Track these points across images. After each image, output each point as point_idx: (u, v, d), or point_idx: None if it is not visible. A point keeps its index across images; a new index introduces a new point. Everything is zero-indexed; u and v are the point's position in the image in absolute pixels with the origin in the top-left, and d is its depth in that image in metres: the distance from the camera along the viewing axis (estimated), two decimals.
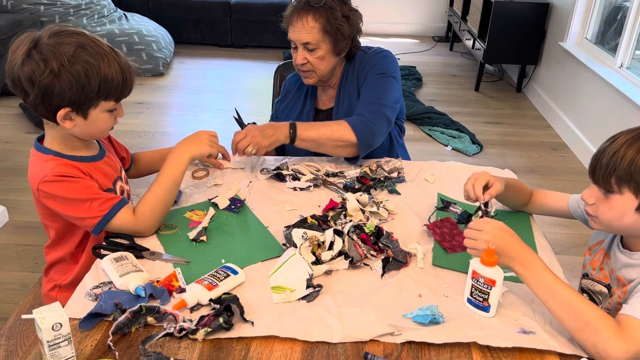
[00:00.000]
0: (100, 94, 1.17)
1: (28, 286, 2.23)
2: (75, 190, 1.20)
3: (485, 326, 1.06)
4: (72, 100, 1.14)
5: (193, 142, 1.40)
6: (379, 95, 1.66)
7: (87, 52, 1.14)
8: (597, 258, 1.26)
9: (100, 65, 1.14)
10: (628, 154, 1.05)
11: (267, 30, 5.51)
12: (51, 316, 0.89)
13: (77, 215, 1.22)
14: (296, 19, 1.63)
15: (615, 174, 1.06)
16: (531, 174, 3.31)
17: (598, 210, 1.12)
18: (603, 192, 1.10)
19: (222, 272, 1.15)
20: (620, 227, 1.13)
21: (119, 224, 1.24)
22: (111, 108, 1.22)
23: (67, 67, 1.11)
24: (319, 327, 1.05)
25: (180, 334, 1.02)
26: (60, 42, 1.12)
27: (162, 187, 1.31)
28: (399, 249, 1.25)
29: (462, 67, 5.35)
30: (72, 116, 1.18)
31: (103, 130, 1.27)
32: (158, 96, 4.40)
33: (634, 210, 1.07)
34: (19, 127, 3.73)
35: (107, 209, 1.22)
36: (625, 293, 1.12)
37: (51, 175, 1.19)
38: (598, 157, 1.10)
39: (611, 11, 3.66)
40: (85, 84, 1.14)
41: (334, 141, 1.59)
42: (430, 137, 3.78)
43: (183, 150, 1.37)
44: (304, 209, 1.44)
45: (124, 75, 1.19)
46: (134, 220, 1.25)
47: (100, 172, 1.30)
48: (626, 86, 3.09)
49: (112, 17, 5.13)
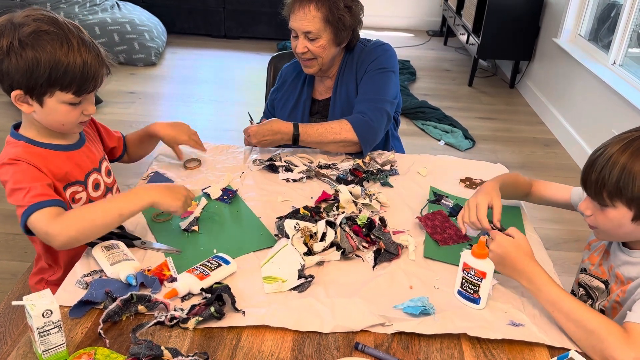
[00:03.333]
0: (52, 83, 1.11)
1: (17, 275, 2.21)
2: (22, 176, 1.14)
3: (475, 318, 1.07)
4: (22, 83, 1.11)
5: (167, 194, 1.20)
6: (380, 91, 1.68)
7: (46, 38, 1.09)
8: (597, 254, 1.27)
9: (56, 54, 1.09)
10: (615, 169, 1.05)
11: (261, 21, 5.48)
12: (41, 303, 0.89)
13: (14, 202, 1.14)
14: (298, 7, 1.62)
15: (606, 190, 1.07)
16: (523, 169, 3.33)
17: (597, 221, 1.14)
18: (598, 205, 1.11)
19: (214, 261, 1.15)
20: (620, 236, 1.15)
21: (36, 220, 1.11)
22: (71, 101, 1.15)
23: (16, 48, 1.08)
24: (310, 317, 1.05)
25: (171, 322, 1.01)
26: (24, 22, 1.10)
27: (103, 212, 1.15)
28: (391, 241, 1.26)
29: (455, 62, 5.35)
30: (29, 100, 1.14)
31: (64, 123, 1.19)
32: (150, 86, 4.37)
33: (630, 221, 1.08)
34: (8, 116, 3.68)
35: (35, 202, 1.11)
36: (624, 292, 1.13)
37: (7, 159, 1.15)
38: (588, 172, 1.10)
39: (605, 8, 3.68)
40: (34, 69, 1.09)
41: (337, 142, 1.64)
42: (423, 131, 3.79)
43: (150, 194, 1.19)
44: (297, 200, 1.44)
45: (86, 68, 1.12)
46: (51, 221, 1.10)
47: (73, 162, 1.26)
48: (619, 83, 3.11)
49: (105, 6, 5.08)
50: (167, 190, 1.22)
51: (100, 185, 1.35)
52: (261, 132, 1.61)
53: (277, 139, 1.62)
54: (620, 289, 1.15)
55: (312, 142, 1.64)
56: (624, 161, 1.04)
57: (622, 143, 1.06)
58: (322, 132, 1.63)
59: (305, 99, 1.82)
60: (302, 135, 1.62)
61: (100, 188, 1.35)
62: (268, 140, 1.62)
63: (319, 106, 1.83)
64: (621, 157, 1.05)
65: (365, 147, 1.65)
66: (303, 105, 1.82)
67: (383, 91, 1.68)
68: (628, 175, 1.03)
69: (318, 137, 1.63)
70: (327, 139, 1.63)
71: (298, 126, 1.62)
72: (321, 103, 1.83)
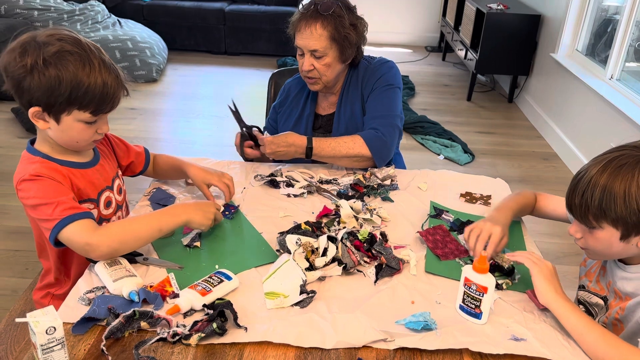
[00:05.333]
0: (72, 102, 1.14)
1: (18, 292, 2.21)
2: (46, 191, 1.16)
3: (477, 333, 1.07)
4: (42, 100, 1.13)
5: (199, 214, 1.28)
6: (389, 108, 1.71)
7: (69, 58, 1.12)
8: (593, 270, 1.28)
9: (78, 74, 1.12)
10: (597, 192, 1.06)
11: (261, 38, 5.54)
12: (45, 320, 0.89)
13: (41, 217, 1.16)
14: (304, 26, 1.63)
15: (591, 213, 1.08)
16: (522, 183, 3.34)
17: (587, 243, 1.15)
18: (586, 227, 1.13)
19: (216, 277, 1.15)
20: (612, 255, 1.16)
21: (71, 232, 1.13)
22: (87, 120, 1.17)
23: (40, 67, 1.10)
24: (312, 332, 1.05)
25: (173, 339, 1.01)
26: (48, 42, 1.12)
27: (146, 225, 1.21)
28: (392, 256, 1.26)
29: (454, 77, 5.39)
30: (46, 117, 1.16)
31: (78, 141, 1.22)
32: (151, 102, 4.39)
33: (619, 240, 1.09)
34: (10, 132, 3.71)
35: (67, 215, 1.14)
36: (623, 309, 1.14)
37: (28, 175, 1.17)
38: (572, 196, 1.12)
39: (601, 24, 3.72)
40: (55, 88, 1.11)
41: (350, 157, 1.66)
42: (423, 145, 3.81)
43: (185, 213, 1.26)
44: (298, 216, 1.45)
45: (105, 90, 1.15)
46: (91, 233, 1.14)
47: (87, 179, 1.29)
48: (616, 97, 3.14)
49: (106, 23, 5.14)
50: (199, 209, 1.29)
51: (111, 203, 1.37)
52: (276, 143, 1.62)
53: (291, 151, 1.63)
54: (619, 305, 1.15)
55: (325, 156, 1.66)
56: (603, 182, 1.05)
57: (601, 165, 1.08)
58: (335, 147, 1.64)
59: (308, 113, 1.84)
60: (315, 149, 1.63)
61: (111, 206, 1.37)
62: (282, 151, 1.63)
63: (322, 121, 1.84)
64: (601, 179, 1.06)
65: (379, 162, 1.67)
66: (306, 119, 1.83)
67: (392, 107, 1.71)
68: (609, 196, 1.05)
69: (331, 151, 1.64)
70: (341, 153, 1.64)
71: (312, 140, 1.64)
72: (324, 118, 1.84)
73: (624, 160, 1.05)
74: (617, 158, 1.07)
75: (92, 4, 5.18)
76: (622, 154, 1.07)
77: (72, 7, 4.99)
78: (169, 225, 1.24)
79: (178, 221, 1.25)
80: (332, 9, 1.62)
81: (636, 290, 1.13)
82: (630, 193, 1.03)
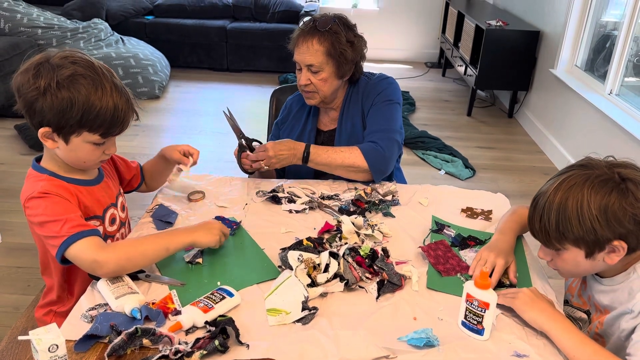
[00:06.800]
0: (83, 125, 1.16)
1: (20, 309, 2.21)
2: (54, 209, 1.17)
3: (479, 349, 1.07)
4: (52, 121, 1.15)
5: (205, 233, 1.29)
6: (389, 122, 1.73)
7: (82, 81, 1.14)
8: (574, 285, 1.29)
9: (90, 97, 1.14)
10: (552, 214, 1.07)
11: (263, 55, 5.58)
12: (48, 337, 0.90)
13: (48, 234, 1.17)
14: (302, 41, 1.68)
15: (552, 237, 1.10)
16: (523, 198, 3.34)
17: (557, 265, 1.17)
18: (552, 250, 1.14)
19: (218, 294, 1.15)
20: (582, 273, 1.19)
21: (79, 249, 1.14)
22: (96, 141, 1.20)
23: (53, 90, 1.12)
24: (314, 349, 1.05)
25: (175, 356, 1.01)
26: (61, 65, 1.14)
27: (154, 245, 1.23)
28: (394, 272, 1.26)
29: (454, 93, 5.43)
30: (55, 137, 1.18)
31: (86, 161, 1.25)
32: (154, 119, 4.43)
33: (585, 258, 1.10)
34: (13, 149, 3.73)
35: (75, 232, 1.15)
36: (602, 324, 1.14)
37: (37, 192, 1.18)
38: (532, 222, 1.13)
39: (600, 39, 3.75)
40: (67, 111, 1.13)
41: (346, 166, 1.67)
42: (424, 161, 3.82)
43: (191, 234, 1.28)
44: (300, 232, 1.45)
45: (116, 113, 1.18)
46: (98, 250, 1.15)
47: (93, 197, 1.30)
48: (615, 112, 3.15)
49: (109, 41, 5.19)
50: (205, 229, 1.30)
51: (116, 220, 1.39)
52: (278, 146, 1.65)
53: (291, 154, 1.65)
54: (599, 319, 1.15)
55: (321, 163, 1.67)
56: (557, 205, 1.07)
57: (554, 186, 1.09)
58: (331, 154, 1.66)
59: (310, 129, 1.85)
60: (312, 155, 1.65)
61: (116, 222, 1.39)
62: (284, 155, 1.65)
63: (324, 137, 1.86)
64: (555, 200, 1.07)
65: (376, 175, 1.68)
66: (308, 135, 1.85)
67: (392, 122, 1.73)
68: (564, 218, 1.06)
69: (327, 158, 1.66)
70: (336, 162, 1.66)
71: (310, 146, 1.66)
72: (326, 134, 1.86)
73: (573, 181, 1.06)
74: (567, 179, 1.07)
75: (96, 21, 5.23)
76: (571, 174, 1.08)
77: (76, 25, 5.04)
78: (176, 245, 1.25)
79: (185, 241, 1.26)
80: (329, 26, 1.66)
81: (612, 302, 1.14)
82: (582, 213, 1.04)
